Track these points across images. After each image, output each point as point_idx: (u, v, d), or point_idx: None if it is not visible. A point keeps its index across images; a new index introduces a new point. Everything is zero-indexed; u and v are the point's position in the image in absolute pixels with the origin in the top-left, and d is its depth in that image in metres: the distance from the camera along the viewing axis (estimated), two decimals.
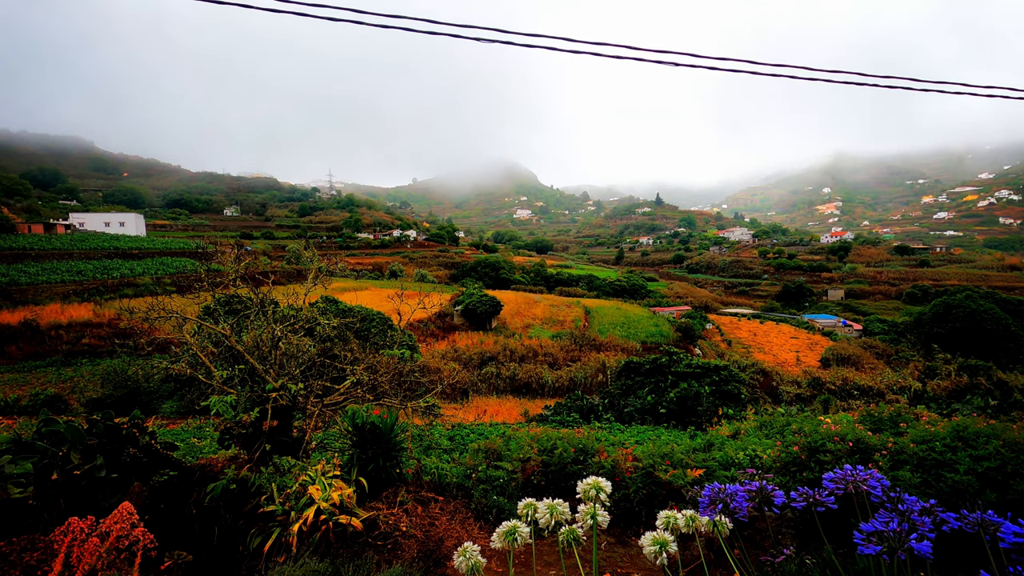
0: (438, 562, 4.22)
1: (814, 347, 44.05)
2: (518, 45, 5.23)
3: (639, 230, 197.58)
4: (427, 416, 6.99)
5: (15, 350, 30.02)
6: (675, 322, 45.89)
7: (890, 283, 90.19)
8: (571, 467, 5.43)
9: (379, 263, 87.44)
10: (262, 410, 5.18)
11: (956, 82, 5.89)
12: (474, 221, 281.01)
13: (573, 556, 2.16)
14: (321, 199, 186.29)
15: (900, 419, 6.08)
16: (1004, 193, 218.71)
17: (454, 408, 23.35)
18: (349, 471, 4.98)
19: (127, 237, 67.72)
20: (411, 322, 34.19)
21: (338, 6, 4.53)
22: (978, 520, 1.96)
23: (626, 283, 78.66)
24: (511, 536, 2.06)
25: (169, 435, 12.77)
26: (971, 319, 39.53)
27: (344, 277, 65.44)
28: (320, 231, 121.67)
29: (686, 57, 5.48)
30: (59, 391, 22.10)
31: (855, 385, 27.85)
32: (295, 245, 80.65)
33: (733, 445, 6.46)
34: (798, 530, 4.41)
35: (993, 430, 4.10)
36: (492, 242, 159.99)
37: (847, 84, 5.96)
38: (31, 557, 3.54)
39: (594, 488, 2.18)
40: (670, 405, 19.22)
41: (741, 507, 2.21)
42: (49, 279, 42.10)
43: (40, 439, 4.55)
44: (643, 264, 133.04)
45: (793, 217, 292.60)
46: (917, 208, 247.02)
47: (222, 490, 4.53)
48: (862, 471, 2.29)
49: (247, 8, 4.71)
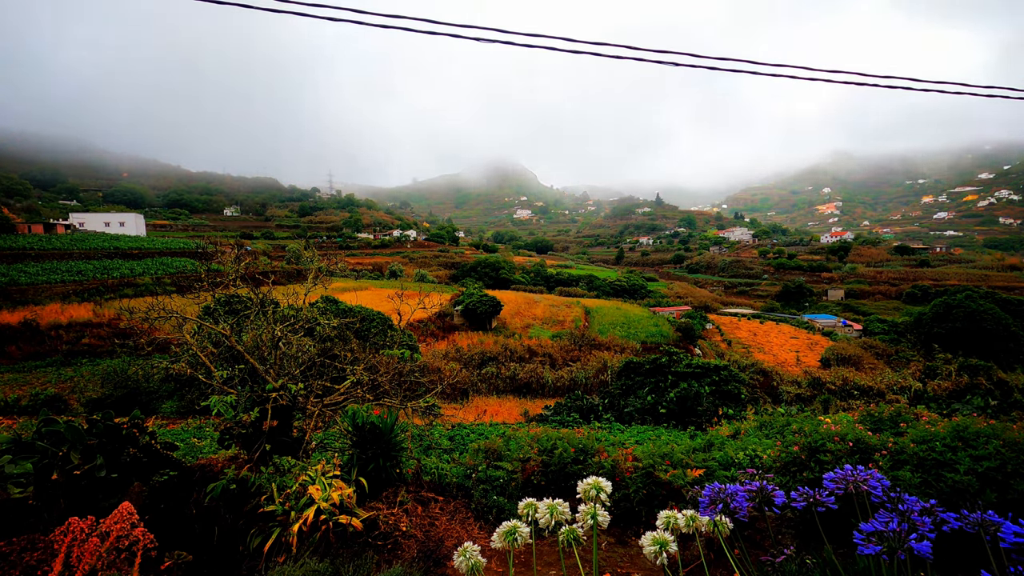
0: (438, 562, 4.22)
1: (814, 347, 44.03)
2: (518, 45, 5.23)
3: (639, 230, 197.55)
4: (427, 416, 6.99)
5: (15, 350, 30.03)
6: (675, 322, 45.89)
7: (890, 283, 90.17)
8: (571, 467, 5.42)
9: (379, 263, 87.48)
10: (262, 410, 5.18)
11: (956, 82, 5.89)
12: (474, 221, 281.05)
13: (573, 556, 2.16)
14: (321, 199, 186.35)
15: (900, 419, 6.08)
16: (1004, 193, 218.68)
17: (454, 408, 23.35)
18: (349, 471, 4.98)
19: (127, 237, 67.70)
20: (411, 322, 34.19)
21: (338, 6, 4.53)
22: (978, 520, 1.96)
23: (626, 283, 78.68)
24: (511, 536, 2.06)
25: (169, 435, 12.78)
26: (971, 319, 39.53)
27: (344, 277, 65.46)
28: (320, 231, 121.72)
29: (686, 57, 5.48)
30: (59, 391, 22.09)
31: (855, 385, 27.84)
32: (295, 245, 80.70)
33: (733, 445, 6.46)
34: (798, 530, 4.41)
35: (993, 430, 4.10)
36: (492, 242, 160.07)
37: (847, 84, 5.96)
38: (31, 557, 3.54)
39: (594, 488, 2.18)
40: (670, 405, 19.22)
41: (741, 507, 2.21)
42: (49, 279, 42.10)
43: (40, 439, 4.55)
44: (643, 264, 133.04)
45: (793, 217, 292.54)
46: (917, 208, 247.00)
47: (222, 490, 4.53)
48: (862, 471, 2.29)
49: (247, 8, 4.71)
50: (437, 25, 4.94)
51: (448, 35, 5.02)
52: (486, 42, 5.10)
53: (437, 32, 5.03)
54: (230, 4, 4.65)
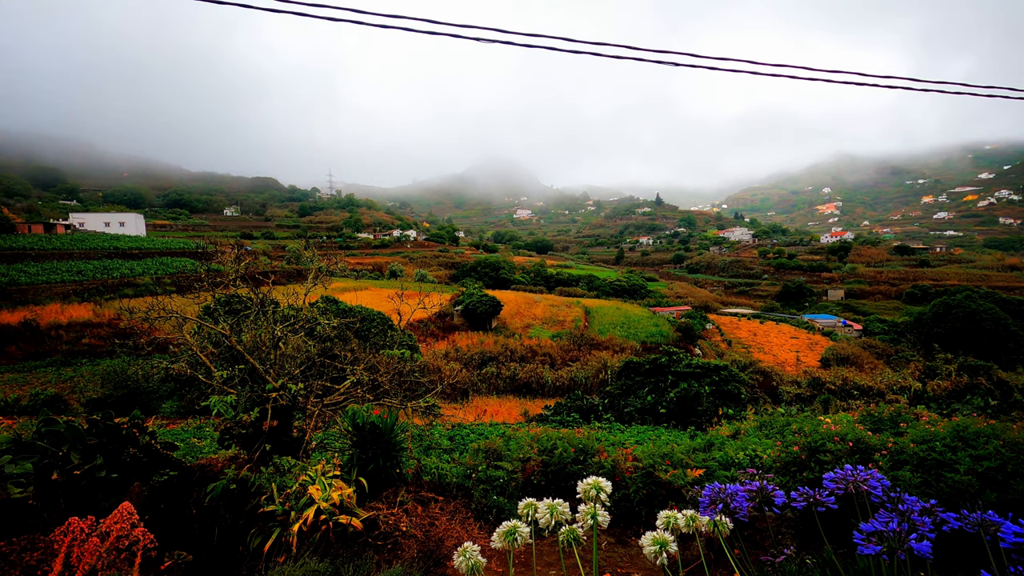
0: (438, 562, 4.22)
1: (814, 347, 44.03)
2: (518, 45, 5.23)
3: (639, 230, 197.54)
4: (427, 416, 6.99)
5: (15, 350, 30.03)
6: (675, 322, 45.89)
7: (890, 283, 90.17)
8: (571, 467, 5.42)
9: (379, 263, 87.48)
10: (262, 410, 5.18)
11: (956, 82, 5.89)
12: (474, 221, 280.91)
13: (573, 556, 2.16)
14: (321, 199, 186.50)
15: (900, 419, 6.08)
16: (1004, 193, 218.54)
17: (454, 408, 23.36)
18: (349, 471, 4.98)
19: (127, 237, 67.69)
20: (411, 322, 34.20)
21: (338, 6, 4.53)
22: (978, 520, 1.96)
23: (626, 283, 78.69)
24: (511, 536, 2.06)
25: (169, 435, 12.78)
26: (971, 319, 39.53)
27: (344, 277, 65.46)
28: (320, 231, 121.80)
29: (686, 57, 5.48)
30: (59, 391, 22.11)
31: (855, 385, 27.81)
32: (295, 245, 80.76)
33: (733, 445, 6.46)
34: (798, 530, 4.41)
35: (993, 430, 4.10)
36: (492, 242, 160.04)
37: (847, 84, 5.96)
38: (31, 557, 3.54)
39: (594, 488, 2.18)
40: (670, 405, 19.22)
41: (741, 507, 2.21)
42: (49, 279, 42.09)
43: (40, 439, 4.55)
44: (643, 264, 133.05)
45: (793, 217, 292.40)
46: (917, 208, 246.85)
47: (222, 490, 4.53)
48: (862, 471, 2.29)
49: (246, 8, 4.71)
50: (437, 25, 4.94)
51: (448, 35, 5.02)
52: (486, 42, 5.10)
53: (437, 32, 5.03)
54: (230, 4, 4.65)
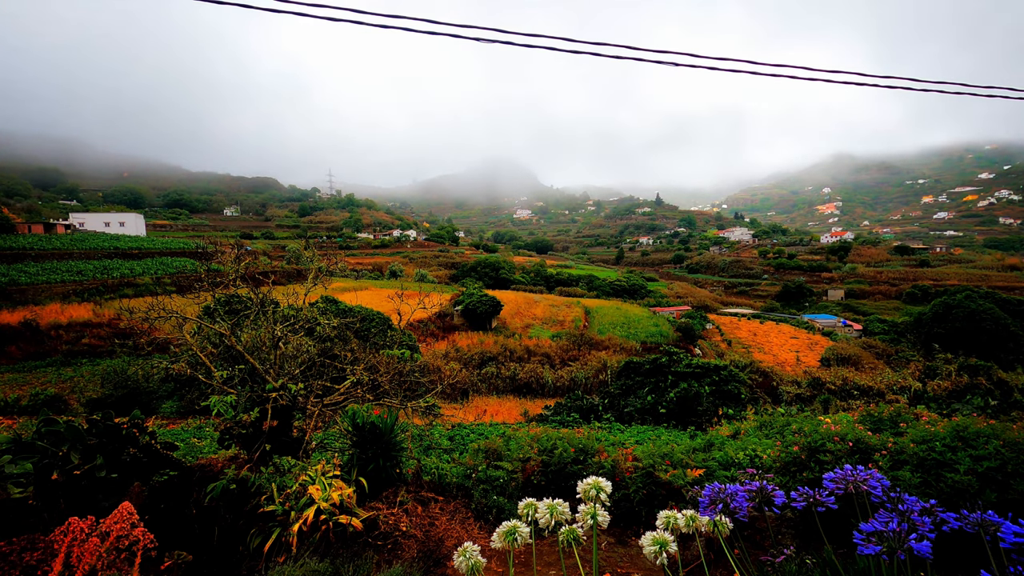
0: (438, 562, 4.22)
1: (814, 347, 44.02)
2: (518, 45, 5.23)
3: (639, 230, 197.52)
4: (427, 416, 6.99)
5: (15, 350, 30.02)
6: (675, 322, 45.88)
7: (890, 283, 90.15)
8: (571, 467, 5.42)
9: (379, 263, 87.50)
10: (262, 410, 5.18)
11: (955, 82, 5.89)
12: (474, 221, 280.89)
13: (573, 556, 2.16)
14: (321, 199, 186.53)
15: (900, 419, 6.07)
16: (1004, 193, 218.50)
17: (454, 408, 23.37)
18: (349, 471, 4.98)
19: (127, 237, 67.67)
20: (411, 322, 34.21)
21: (338, 6, 4.53)
22: (978, 520, 1.96)
23: (626, 283, 78.67)
24: (511, 536, 2.06)
25: (169, 435, 12.78)
26: (971, 319, 39.51)
27: (344, 277, 65.48)
28: (320, 231, 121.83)
29: (686, 57, 5.47)
30: (59, 391, 22.10)
31: (855, 385, 27.80)
32: (295, 245, 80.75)
33: (733, 445, 6.46)
34: (798, 530, 4.41)
35: (993, 430, 4.10)
36: (492, 242, 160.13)
37: (847, 84, 5.96)
38: (31, 557, 3.54)
39: (594, 488, 2.18)
40: (670, 405, 19.22)
41: (741, 507, 2.21)
42: (49, 279, 42.08)
43: (40, 439, 4.55)
44: (643, 264, 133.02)
45: (793, 217, 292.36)
46: (917, 208, 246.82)
47: (222, 490, 4.53)
48: (862, 471, 2.29)
49: (246, 8, 4.71)
50: (437, 25, 4.94)
51: (448, 35, 5.02)
52: (486, 42, 5.10)
53: (437, 32, 5.03)
54: (230, 4, 4.65)
